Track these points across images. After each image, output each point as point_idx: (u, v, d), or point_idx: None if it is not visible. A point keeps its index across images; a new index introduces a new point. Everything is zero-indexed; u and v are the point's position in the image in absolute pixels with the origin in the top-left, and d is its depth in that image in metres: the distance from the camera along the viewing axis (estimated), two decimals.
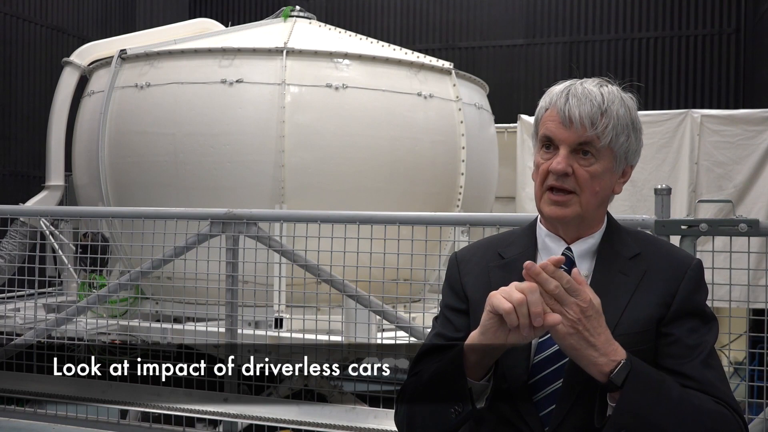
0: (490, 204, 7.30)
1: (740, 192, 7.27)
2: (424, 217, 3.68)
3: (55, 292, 5.76)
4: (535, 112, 1.71)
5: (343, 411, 3.47)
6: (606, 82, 1.67)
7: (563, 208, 1.63)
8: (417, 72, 6.33)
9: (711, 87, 12.77)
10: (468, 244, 1.93)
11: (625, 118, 1.63)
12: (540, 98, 1.72)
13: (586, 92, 1.62)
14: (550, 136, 1.63)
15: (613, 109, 1.61)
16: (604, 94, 1.62)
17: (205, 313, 4.14)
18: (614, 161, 1.64)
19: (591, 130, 1.59)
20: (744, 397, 3.12)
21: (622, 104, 1.64)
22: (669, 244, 1.85)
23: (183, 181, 5.84)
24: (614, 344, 1.49)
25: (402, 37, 13.58)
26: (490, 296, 1.48)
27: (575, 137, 1.61)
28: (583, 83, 1.65)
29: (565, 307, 1.47)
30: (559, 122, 1.62)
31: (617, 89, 1.66)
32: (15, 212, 5.18)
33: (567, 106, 1.61)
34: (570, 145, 1.61)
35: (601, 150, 1.61)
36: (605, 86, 1.65)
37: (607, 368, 1.47)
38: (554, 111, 1.63)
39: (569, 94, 1.62)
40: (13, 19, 11.46)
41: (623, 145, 1.64)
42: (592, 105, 1.60)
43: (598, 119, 1.59)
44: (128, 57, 6.27)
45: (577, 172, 1.61)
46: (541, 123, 1.67)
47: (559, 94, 1.64)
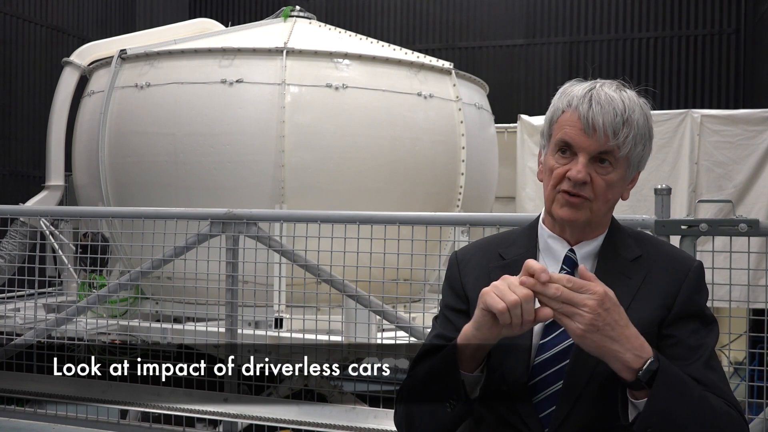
0: (490, 204, 7.30)
1: (740, 192, 7.27)
2: (424, 217, 3.68)
3: (55, 292, 5.76)
4: (549, 111, 1.67)
5: (343, 411, 3.47)
6: (623, 86, 1.64)
7: (577, 211, 1.61)
8: (417, 72, 6.33)
9: (711, 87, 12.77)
10: (468, 244, 1.92)
11: (643, 127, 1.61)
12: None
13: (609, 98, 1.58)
14: (569, 141, 1.60)
15: (633, 118, 1.58)
16: (624, 101, 1.59)
17: (205, 313, 4.14)
18: (628, 169, 1.63)
19: (612, 140, 1.56)
20: (744, 397, 3.12)
21: (641, 112, 1.61)
22: (670, 246, 1.84)
23: (183, 181, 5.84)
24: (640, 339, 1.46)
25: (402, 37, 13.58)
26: (483, 293, 1.46)
27: (596, 146, 1.57)
28: (603, 87, 1.61)
29: (578, 306, 1.43)
30: (580, 128, 1.58)
31: (635, 95, 1.63)
32: (15, 212, 5.18)
33: (591, 113, 1.57)
34: (590, 154, 1.58)
35: (619, 159, 1.59)
36: (624, 91, 1.62)
37: (635, 365, 1.44)
38: (575, 115, 1.59)
39: (592, 100, 1.58)
40: (13, 19, 11.46)
41: (639, 154, 1.63)
42: (615, 114, 1.56)
43: (620, 129, 1.56)
44: (128, 57, 6.27)
45: (594, 180, 1.59)
46: (558, 125, 1.63)
47: (581, 98, 1.59)
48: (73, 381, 3.84)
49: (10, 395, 3.95)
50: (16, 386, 3.89)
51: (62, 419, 3.86)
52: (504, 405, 1.63)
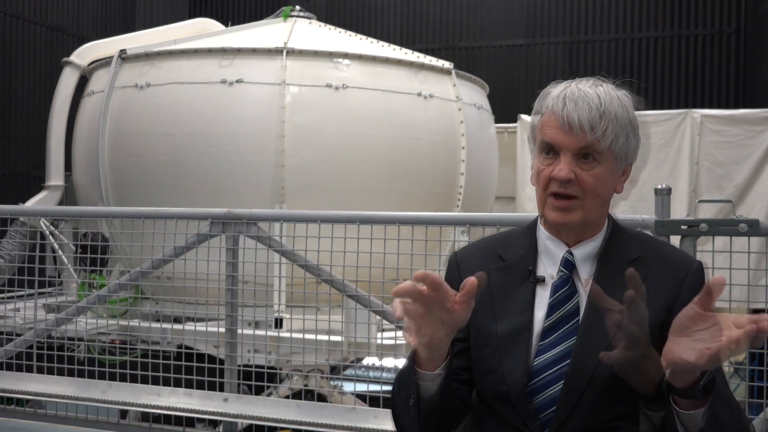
0: (490, 204, 7.30)
1: (740, 192, 7.27)
2: (424, 217, 3.68)
3: (55, 292, 5.76)
4: (531, 116, 1.70)
5: (343, 411, 3.46)
6: (600, 81, 1.65)
7: (568, 213, 1.61)
8: (417, 72, 6.33)
9: (711, 87, 12.77)
10: (467, 245, 1.92)
11: (623, 118, 1.61)
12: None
13: (583, 95, 1.59)
14: (550, 142, 1.61)
15: (611, 110, 1.59)
16: (600, 95, 1.60)
17: (205, 313, 4.14)
18: (615, 162, 1.63)
19: (591, 135, 1.57)
20: (744, 397, 3.12)
21: (619, 104, 1.62)
22: (670, 247, 1.84)
23: (183, 181, 5.84)
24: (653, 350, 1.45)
25: (402, 37, 13.57)
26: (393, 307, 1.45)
27: (576, 143, 1.59)
28: (578, 84, 1.63)
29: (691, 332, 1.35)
30: (558, 128, 1.60)
31: (612, 88, 1.64)
32: (15, 212, 5.17)
33: (565, 111, 1.58)
34: (571, 151, 1.59)
35: (602, 153, 1.60)
36: (600, 86, 1.63)
37: (657, 379, 1.44)
38: (552, 116, 1.61)
39: (566, 98, 1.60)
40: (13, 19, 11.46)
41: (623, 146, 1.63)
42: (590, 108, 1.58)
43: (597, 122, 1.57)
44: (128, 57, 6.27)
45: (579, 177, 1.60)
46: (539, 128, 1.65)
47: (555, 98, 1.62)
48: (73, 381, 3.84)
49: (10, 395, 3.95)
50: (16, 386, 3.89)
51: (62, 419, 3.86)
52: (504, 406, 1.62)
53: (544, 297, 1.65)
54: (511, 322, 1.64)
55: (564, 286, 1.65)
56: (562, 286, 1.65)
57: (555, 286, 1.65)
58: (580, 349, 1.57)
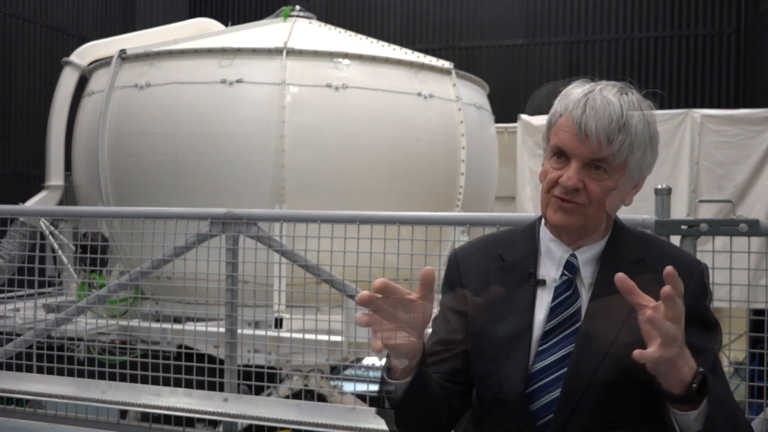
0: (490, 204, 7.30)
1: (740, 192, 7.27)
2: (424, 217, 3.68)
3: (55, 292, 5.76)
4: (549, 114, 1.63)
5: (343, 411, 3.46)
6: (628, 88, 1.58)
7: (570, 216, 1.58)
8: (417, 72, 6.32)
9: (711, 87, 12.77)
10: (467, 243, 1.90)
11: (643, 133, 1.55)
12: None
13: (606, 103, 1.52)
14: (562, 147, 1.56)
15: (631, 124, 1.53)
16: (623, 106, 1.53)
17: (205, 313, 4.14)
18: (627, 176, 1.58)
19: (606, 148, 1.52)
20: (744, 397, 3.12)
21: (641, 118, 1.55)
22: (675, 248, 1.82)
23: (183, 181, 5.84)
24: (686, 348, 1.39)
25: (402, 37, 13.56)
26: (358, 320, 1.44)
27: (589, 153, 1.53)
28: (603, 90, 1.55)
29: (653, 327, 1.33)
30: (573, 134, 1.54)
31: (638, 99, 1.57)
32: (15, 212, 5.17)
33: (584, 118, 1.52)
34: (583, 160, 1.54)
35: (615, 167, 1.55)
36: (625, 95, 1.56)
37: (689, 378, 1.38)
38: (569, 120, 1.54)
39: (587, 104, 1.53)
40: (13, 19, 11.46)
41: (639, 161, 1.58)
42: (611, 120, 1.51)
43: (615, 135, 1.51)
44: (128, 57, 6.27)
45: (588, 186, 1.55)
46: (554, 131, 1.59)
47: (576, 102, 1.54)
48: (73, 381, 3.84)
49: (10, 395, 3.94)
50: (16, 386, 3.89)
51: (62, 419, 3.86)
52: (502, 410, 1.61)
53: (544, 299, 1.63)
54: (510, 325, 1.62)
55: (566, 288, 1.63)
56: (565, 289, 1.63)
57: (557, 289, 1.63)
58: (580, 353, 1.55)
